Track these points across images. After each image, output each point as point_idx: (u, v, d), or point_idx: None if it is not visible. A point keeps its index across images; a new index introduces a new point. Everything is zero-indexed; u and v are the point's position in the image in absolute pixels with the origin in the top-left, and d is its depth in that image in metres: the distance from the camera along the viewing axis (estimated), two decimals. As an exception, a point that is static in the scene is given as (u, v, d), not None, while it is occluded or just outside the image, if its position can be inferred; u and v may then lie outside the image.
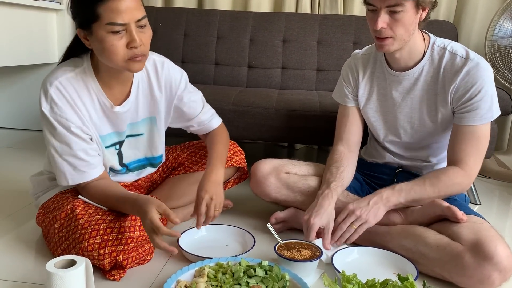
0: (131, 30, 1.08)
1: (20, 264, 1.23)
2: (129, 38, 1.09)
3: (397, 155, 1.50)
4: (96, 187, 1.22)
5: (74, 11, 1.13)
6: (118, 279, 1.14)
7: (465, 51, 1.33)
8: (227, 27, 2.45)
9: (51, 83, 1.16)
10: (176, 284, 1.09)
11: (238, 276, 1.10)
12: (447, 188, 1.30)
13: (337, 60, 2.35)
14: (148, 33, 1.13)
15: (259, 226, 1.52)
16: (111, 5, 1.05)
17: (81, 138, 1.19)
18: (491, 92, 1.28)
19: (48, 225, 1.23)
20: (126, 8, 1.06)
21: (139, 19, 1.09)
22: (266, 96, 1.99)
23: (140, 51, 1.11)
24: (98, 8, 1.05)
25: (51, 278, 0.99)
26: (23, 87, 2.91)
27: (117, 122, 1.27)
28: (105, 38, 1.08)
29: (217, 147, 1.40)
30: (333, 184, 1.36)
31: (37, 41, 2.62)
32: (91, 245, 1.12)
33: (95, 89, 1.21)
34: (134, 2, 1.08)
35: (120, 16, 1.06)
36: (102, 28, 1.07)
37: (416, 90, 1.38)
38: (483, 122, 1.29)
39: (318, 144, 2.73)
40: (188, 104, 1.39)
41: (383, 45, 1.27)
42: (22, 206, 1.63)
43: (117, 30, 1.07)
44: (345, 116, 1.51)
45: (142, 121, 1.33)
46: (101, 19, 1.06)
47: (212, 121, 1.47)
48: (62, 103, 1.16)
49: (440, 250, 1.18)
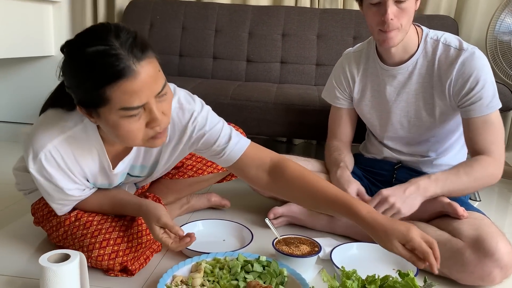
0: (151, 108, 0.86)
1: (13, 258, 1.21)
2: (149, 117, 0.88)
3: (395, 150, 1.48)
4: (87, 198, 1.15)
5: (73, 87, 0.88)
6: (119, 275, 1.13)
7: (458, 42, 1.31)
8: (226, 20, 2.42)
9: (43, 146, 0.97)
10: (172, 279, 1.07)
11: (235, 271, 1.09)
12: (482, 178, 1.25)
13: (336, 54, 2.32)
14: (169, 99, 0.91)
15: (257, 221, 1.50)
16: (124, 87, 0.82)
17: (71, 195, 1.08)
18: (491, 79, 1.27)
19: (50, 230, 1.20)
20: (143, 85, 0.83)
21: (159, 92, 0.87)
22: (265, 90, 1.97)
23: (164, 126, 0.91)
24: (106, 91, 0.82)
25: (44, 273, 0.97)
26: (19, 80, 2.87)
27: (113, 180, 1.14)
28: (119, 124, 0.86)
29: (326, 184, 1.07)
30: (342, 164, 1.42)
31: (33, 33, 2.58)
32: (101, 255, 1.09)
33: (98, 148, 1.03)
34: (151, 73, 0.85)
35: (137, 98, 0.83)
36: (114, 113, 0.85)
37: (411, 84, 1.36)
38: (492, 111, 1.26)
39: (317, 139, 2.71)
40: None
41: (388, 39, 1.25)
42: (17, 200, 1.61)
43: (134, 114, 0.86)
44: (337, 117, 1.54)
45: (141, 166, 1.17)
46: (111, 103, 0.84)
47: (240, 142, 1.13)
48: (54, 170, 1.00)
49: (441, 246, 1.15)
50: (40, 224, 1.26)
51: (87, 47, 0.82)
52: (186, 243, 1.05)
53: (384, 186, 1.43)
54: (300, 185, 1.06)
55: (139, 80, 0.83)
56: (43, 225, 1.24)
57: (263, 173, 1.11)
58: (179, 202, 1.50)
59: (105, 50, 0.81)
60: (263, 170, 1.11)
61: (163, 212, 1.08)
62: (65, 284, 0.98)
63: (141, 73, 0.83)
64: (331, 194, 1.01)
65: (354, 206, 0.97)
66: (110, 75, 0.81)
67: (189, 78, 2.25)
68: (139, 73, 0.83)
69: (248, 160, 1.10)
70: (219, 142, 1.09)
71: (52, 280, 0.97)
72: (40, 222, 1.25)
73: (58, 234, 1.17)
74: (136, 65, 0.82)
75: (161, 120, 0.89)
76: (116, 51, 0.81)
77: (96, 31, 0.85)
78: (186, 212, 1.54)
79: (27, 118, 2.95)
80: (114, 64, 0.81)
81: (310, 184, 1.05)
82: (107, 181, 1.14)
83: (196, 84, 2.00)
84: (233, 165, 1.12)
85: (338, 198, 1.00)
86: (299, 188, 1.06)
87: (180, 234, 1.05)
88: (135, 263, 1.13)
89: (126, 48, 0.82)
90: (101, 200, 1.16)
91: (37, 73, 2.81)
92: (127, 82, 0.82)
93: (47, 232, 1.24)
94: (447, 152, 1.44)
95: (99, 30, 0.85)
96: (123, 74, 0.81)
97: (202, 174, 1.42)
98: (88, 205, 1.16)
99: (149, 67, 0.85)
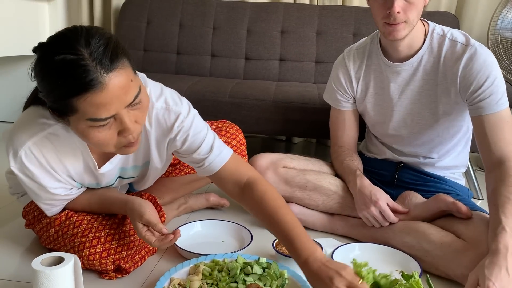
0: (122, 117, 0.84)
1: (5, 262, 1.18)
2: (120, 127, 0.86)
3: (396, 151, 1.46)
4: (76, 198, 1.14)
5: (43, 92, 0.85)
6: (113, 278, 1.10)
7: (465, 38, 1.28)
8: (224, 17, 2.39)
9: (23, 143, 0.95)
10: (170, 282, 1.04)
11: (234, 273, 1.06)
12: None
13: (336, 51, 2.30)
14: (144, 107, 0.89)
15: (256, 221, 1.47)
16: (91, 99, 0.79)
17: (57, 194, 1.06)
18: (500, 76, 1.23)
19: (40, 231, 1.18)
20: (112, 97, 0.80)
21: (131, 102, 0.84)
22: (264, 88, 1.94)
23: (136, 135, 0.89)
24: (73, 102, 0.80)
25: (37, 276, 0.94)
26: (14, 79, 2.85)
27: (101, 179, 1.11)
28: (89, 132, 0.85)
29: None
30: (358, 172, 1.38)
31: (29, 31, 2.56)
32: (92, 254, 1.07)
33: (81, 147, 1.01)
34: (122, 84, 0.81)
35: (105, 111, 0.81)
36: (83, 122, 0.84)
37: (416, 80, 1.33)
38: (503, 108, 1.21)
39: (317, 137, 2.69)
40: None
41: (394, 31, 1.22)
42: (9, 202, 1.58)
43: (102, 124, 0.84)
44: (340, 121, 1.50)
45: (133, 167, 1.15)
46: (79, 113, 0.82)
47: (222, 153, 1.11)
48: (35, 168, 0.97)
49: (445, 247, 1.14)
50: (31, 226, 1.23)
51: (56, 54, 0.79)
52: (169, 240, 1.01)
53: (386, 186, 1.42)
54: (260, 211, 1.05)
55: (107, 92, 0.80)
56: (33, 227, 1.22)
57: (238, 189, 1.11)
58: (177, 202, 1.47)
59: (72, 60, 0.78)
60: (239, 186, 1.11)
61: (147, 209, 1.05)
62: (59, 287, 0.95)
63: (109, 85, 0.80)
64: (282, 229, 0.99)
65: (296, 250, 0.95)
66: (77, 87, 0.79)
67: (187, 76, 2.22)
68: (106, 85, 0.80)
69: (227, 174, 1.10)
70: (199, 150, 1.08)
71: (45, 284, 0.94)
72: (31, 224, 1.23)
73: (49, 234, 1.15)
74: (104, 77, 0.80)
75: (133, 129, 0.87)
76: (84, 62, 0.78)
77: (67, 37, 0.82)
78: (184, 213, 1.52)
79: (23, 118, 2.92)
80: (81, 76, 0.78)
81: (268, 212, 1.03)
82: (95, 181, 1.11)
83: (194, 82, 1.98)
84: (211, 175, 1.12)
85: (287, 234, 0.98)
86: (260, 212, 1.06)
87: (164, 232, 1.02)
88: (128, 261, 1.11)
89: (94, 58, 0.79)
90: (90, 199, 1.14)
91: (32, 72, 2.78)
92: (94, 95, 0.79)
93: (37, 234, 1.21)
94: (450, 154, 1.41)
95: (70, 36, 0.81)
96: (90, 86, 0.79)
97: None
98: (77, 205, 1.14)
99: (119, 78, 0.82)
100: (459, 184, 1.44)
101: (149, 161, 1.14)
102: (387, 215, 1.27)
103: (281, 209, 1.02)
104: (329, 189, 1.40)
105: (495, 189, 1.11)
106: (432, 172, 1.42)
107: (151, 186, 1.36)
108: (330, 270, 0.88)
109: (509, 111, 1.23)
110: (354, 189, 1.35)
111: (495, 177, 1.14)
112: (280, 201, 1.05)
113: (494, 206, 1.08)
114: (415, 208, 1.30)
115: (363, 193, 1.31)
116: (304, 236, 0.97)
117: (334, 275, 0.86)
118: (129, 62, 0.85)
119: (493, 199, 1.10)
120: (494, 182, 1.13)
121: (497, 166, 1.16)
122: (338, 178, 1.45)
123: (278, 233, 1.01)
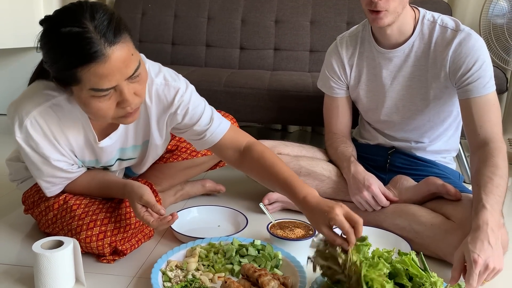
0: (122, 89, 0.89)
1: (6, 248, 1.21)
2: (119, 98, 0.90)
3: (389, 136, 1.48)
4: (75, 180, 1.16)
5: (47, 63, 0.89)
6: (111, 261, 1.13)
7: (455, 23, 1.31)
8: (218, 7, 2.40)
9: (28, 112, 0.98)
10: (167, 264, 1.07)
11: (230, 255, 1.09)
12: (507, 166, 1.14)
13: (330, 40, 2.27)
14: (143, 80, 0.93)
15: (251, 207, 1.50)
16: (94, 70, 0.84)
17: (59, 168, 1.07)
18: (488, 60, 1.26)
19: (39, 215, 1.20)
20: (114, 69, 0.85)
21: (131, 75, 0.89)
22: (258, 77, 1.96)
23: (134, 106, 0.93)
24: (77, 72, 0.84)
25: (38, 259, 0.97)
26: (9, 71, 2.85)
27: (101, 155, 1.13)
28: (90, 102, 0.89)
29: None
30: (352, 158, 1.41)
31: (23, 24, 2.55)
32: (89, 236, 1.10)
33: (82, 120, 1.04)
34: (123, 57, 0.86)
35: (106, 81, 0.86)
36: (85, 92, 0.88)
37: (407, 67, 1.36)
38: (490, 91, 1.23)
39: (312, 125, 2.71)
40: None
41: (377, 18, 1.24)
42: (9, 190, 1.60)
43: (103, 94, 0.88)
44: (334, 108, 1.52)
45: (133, 147, 1.18)
46: (82, 83, 0.86)
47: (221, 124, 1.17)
48: (39, 137, 1.00)
49: (434, 228, 1.17)
50: (29, 211, 1.26)
51: (62, 27, 0.83)
52: (167, 221, 1.04)
53: (378, 171, 1.45)
54: (260, 166, 1.12)
55: (109, 64, 0.84)
56: (32, 211, 1.24)
57: (238, 154, 1.18)
58: (174, 189, 1.49)
59: (78, 33, 0.82)
60: (239, 151, 1.18)
61: (147, 191, 1.08)
62: (59, 270, 0.98)
63: (111, 57, 0.84)
64: (281, 177, 1.07)
65: (294, 191, 1.03)
66: (81, 58, 0.83)
67: (182, 67, 2.23)
68: (109, 57, 0.84)
69: (227, 142, 1.17)
70: (200, 122, 1.13)
71: (46, 267, 0.97)
72: (30, 209, 1.25)
73: (47, 218, 1.17)
74: (107, 49, 0.84)
75: (131, 101, 0.91)
76: (89, 35, 0.82)
77: (73, 11, 0.85)
78: (181, 199, 1.54)
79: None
80: (85, 48, 0.82)
81: (267, 166, 1.10)
82: (94, 157, 1.14)
83: (189, 72, 1.99)
84: (212, 147, 1.18)
85: (285, 181, 1.06)
86: (259, 168, 1.13)
87: (162, 213, 1.04)
88: (125, 243, 1.13)
89: (99, 32, 0.83)
90: (89, 182, 1.17)
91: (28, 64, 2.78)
92: (97, 66, 0.83)
93: (36, 219, 1.24)
94: (440, 138, 1.44)
95: (75, 10, 0.85)
96: (94, 57, 0.83)
97: (196, 156, 1.42)
98: (76, 187, 1.17)
99: (121, 51, 0.86)
100: (450, 168, 1.46)
101: (149, 140, 1.17)
102: (379, 199, 1.30)
103: (279, 163, 1.11)
104: (323, 175, 1.43)
105: (478, 170, 1.15)
106: (423, 157, 1.45)
107: (149, 172, 1.38)
108: (329, 202, 0.96)
109: (495, 94, 1.26)
110: (348, 175, 1.38)
111: (479, 157, 1.17)
112: (277, 158, 1.13)
113: (476, 186, 1.11)
114: (406, 191, 1.33)
115: (356, 179, 1.34)
116: (301, 182, 1.05)
117: (334, 205, 0.94)
118: (130, 37, 0.90)
119: (476, 179, 1.13)
120: (478, 163, 1.16)
121: (481, 147, 1.19)
122: (331, 164, 1.47)
123: (277, 182, 1.08)
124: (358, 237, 0.92)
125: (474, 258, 0.96)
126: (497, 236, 1.01)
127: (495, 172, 1.11)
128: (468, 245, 0.99)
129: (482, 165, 1.15)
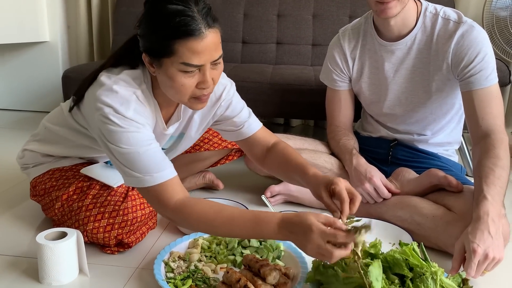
0: (205, 71, 0.96)
1: (14, 239, 1.22)
2: (201, 79, 0.97)
3: (391, 129, 1.48)
4: (194, 203, 0.98)
5: (146, 35, 0.97)
6: (115, 252, 1.14)
7: (457, 15, 1.30)
8: (220, 1, 2.40)
9: (131, 95, 1.00)
10: (170, 255, 1.08)
11: (232, 246, 1.10)
12: (509, 157, 1.14)
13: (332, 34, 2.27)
14: (220, 69, 1.01)
15: (254, 200, 1.51)
16: (190, 45, 0.92)
17: (152, 151, 0.99)
18: (490, 52, 1.26)
19: (50, 203, 1.21)
20: (206, 48, 0.93)
21: (215, 60, 0.97)
22: (261, 71, 1.96)
23: (209, 90, 1.01)
24: (175, 44, 0.92)
25: (41, 250, 0.98)
26: (13, 66, 2.86)
27: (162, 141, 1.18)
28: (176, 76, 0.95)
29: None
30: (354, 151, 1.41)
31: (27, 18, 2.56)
32: (96, 228, 1.11)
33: (154, 110, 1.09)
34: (215, 41, 0.95)
35: (197, 58, 0.93)
36: (175, 65, 0.94)
37: (409, 59, 1.35)
38: (492, 83, 1.23)
39: (314, 119, 2.71)
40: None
41: (386, 9, 1.23)
42: (15, 183, 1.61)
43: (191, 70, 0.95)
44: (336, 101, 1.52)
45: (170, 137, 1.21)
46: (175, 56, 0.93)
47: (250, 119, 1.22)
48: (142, 118, 1.00)
49: (436, 220, 1.17)
50: (38, 198, 1.27)
51: (169, 4, 0.92)
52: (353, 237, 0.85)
53: (380, 164, 1.45)
54: (280, 157, 1.18)
55: (204, 43, 0.92)
56: (42, 198, 1.25)
57: (264, 152, 1.23)
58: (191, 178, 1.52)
59: (184, 10, 0.92)
60: (267, 149, 1.23)
61: (312, 216, 0.88)
62: (63, 261, 0.99)
63: (207, 37, 0.92)
64: (296, 162, 1.13)
65: (306, 169, 1.09)
66: (182, 31, 0.91)
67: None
68: (206, 37, 0.92)
69: (259, 138, 1.23)
70: (240, 114, 1.21)
71: (50, 258, 0.98)
72: (39, 196, 1.26)
73: (55, 208, 1.18)
74: (206, 29, 0.92)
75: (209, 83, 0.98)
76: (193, 13, 0.92)
77: None
78: None
79: (22, 105, 2.93)
80: (188, 23, 0.91)
81: (287, 156, 1.16)
82: (158, 143, 1.10)
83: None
84: (244, 140, 1.23)
85: (300, 163, 1.12)
86: (279, 160, 1.18)
87: (343, 228, 0.85)
88: (131, 236, 1.15)
89: (201, 14, 0.93)
90: (232, 212, 0.96)
91: (31, 59, 2.79)
92: (194, 42, 0.91)
93: (44, 207, 1.25)
94: (443, 131, 1.44)
95: None
96: (193, 33, 0.91)
97: (199, 150, 1.43)
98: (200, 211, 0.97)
99: (214, 35, 0.95)
100: (452, 161, 1.47)
101: (184, 133, 1.23)
102: (381, 191, 1.30)
103: (298, 155, 1.17)
104: (324, 167, 1.43)
105: (479, 161, 1.15)
106: (425, 149, 1.45)
107: None
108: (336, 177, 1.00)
109: (497, 86, 1.25)
110: (350, 167, 1.38)
111: (480, 149, 1.17)
112: (298, 154, 1.18)
113: (478, 177, 1.11)
114: (408, 184, 1.33)
115: (358, 171, 1.34)
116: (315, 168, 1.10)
117: (340, 178, 0.99)
118: (220, 29, 0.98)
119: (477, 171, 1.13)
120: (479, 154, 1.16)
121: (482, 139, 1.19)
122: (333, 157, 1.48)
123: (292, 168, 1.13)
124: (352, 212, 0.94)
125: (473, 248, 0.96)
126: (498, 226, 1.01)
127: (496, 163, 1.11)
128: (468, 235, 0.99)
129: (483, 156, 1.15)
